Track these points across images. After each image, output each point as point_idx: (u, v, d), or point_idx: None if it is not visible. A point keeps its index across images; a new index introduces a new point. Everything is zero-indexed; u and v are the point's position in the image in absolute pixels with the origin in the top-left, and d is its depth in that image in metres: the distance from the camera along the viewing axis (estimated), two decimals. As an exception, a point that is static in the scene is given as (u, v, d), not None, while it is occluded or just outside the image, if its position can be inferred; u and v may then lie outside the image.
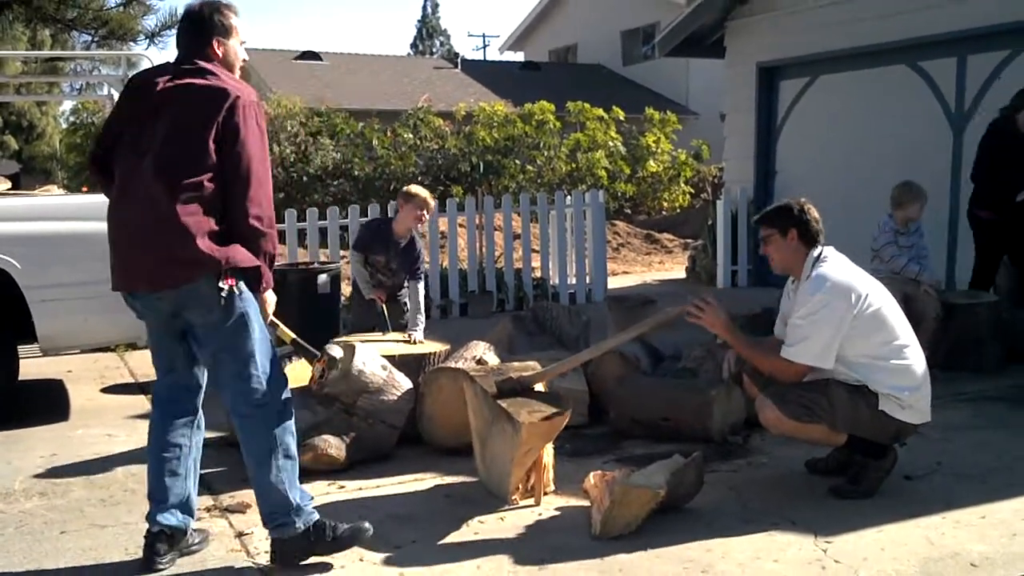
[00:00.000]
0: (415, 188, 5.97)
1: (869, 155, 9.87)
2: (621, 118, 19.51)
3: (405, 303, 6.01)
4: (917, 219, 6.58)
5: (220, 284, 3.23)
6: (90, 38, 11.71)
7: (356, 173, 15.84)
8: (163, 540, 3.46)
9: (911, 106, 9.45)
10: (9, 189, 7.06)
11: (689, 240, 15.30)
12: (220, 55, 3.40)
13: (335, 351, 4.08)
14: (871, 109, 9.90)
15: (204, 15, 3.39)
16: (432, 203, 5.87)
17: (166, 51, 11.23)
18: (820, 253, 4.10)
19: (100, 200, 6.54)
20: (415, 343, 5.50)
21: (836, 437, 4.09)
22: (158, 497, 3.49)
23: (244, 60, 3.53)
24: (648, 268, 14.30)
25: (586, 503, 3.94)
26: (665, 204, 19.74)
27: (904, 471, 4.27)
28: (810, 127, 10.70)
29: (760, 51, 11.00)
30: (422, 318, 5.73)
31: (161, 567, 3.43)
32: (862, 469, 4.13)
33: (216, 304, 3.26)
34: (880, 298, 4.08)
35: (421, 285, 5.87)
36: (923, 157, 9.10)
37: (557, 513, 4.01)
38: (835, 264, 4.08)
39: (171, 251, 3.22)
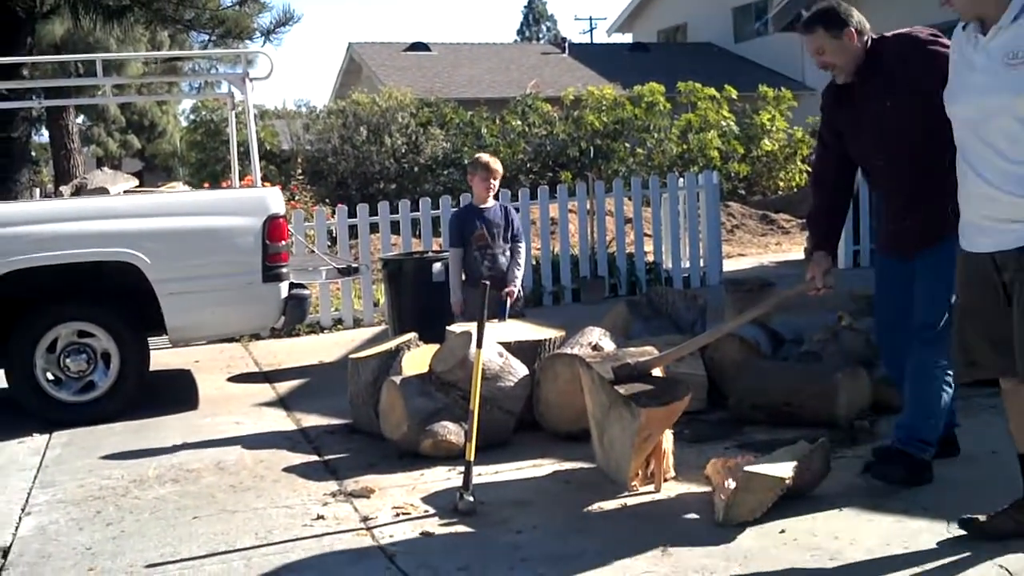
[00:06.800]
0: (478, 156, 6.17)
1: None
2: (734, 97, 19.11)
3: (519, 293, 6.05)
4: None
5: None
6: (207, 37, 12.08)
7: (466, 162, 15.98)
8: None
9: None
10: (136, 187, 7.33)
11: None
12: None
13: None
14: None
15: None
16: (496, 165, 5.95)
17: (280, 48, 11.52)
18: None
19: (224, 196, 6.77)
20: (511, 294, 5.84)
21: None
22: None
23: None
24: (764, 250, 14.00)
25: (707, 489, 3.88)
26: (781, 184, 19.27)
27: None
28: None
29: (878, 23, 10.62)
30: (520, 273, 6.00)
31: None
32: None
33: None
34: None
35: (522, 247, 6.12)
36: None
37: (678, 499, 3.96)
38: None
39: None
